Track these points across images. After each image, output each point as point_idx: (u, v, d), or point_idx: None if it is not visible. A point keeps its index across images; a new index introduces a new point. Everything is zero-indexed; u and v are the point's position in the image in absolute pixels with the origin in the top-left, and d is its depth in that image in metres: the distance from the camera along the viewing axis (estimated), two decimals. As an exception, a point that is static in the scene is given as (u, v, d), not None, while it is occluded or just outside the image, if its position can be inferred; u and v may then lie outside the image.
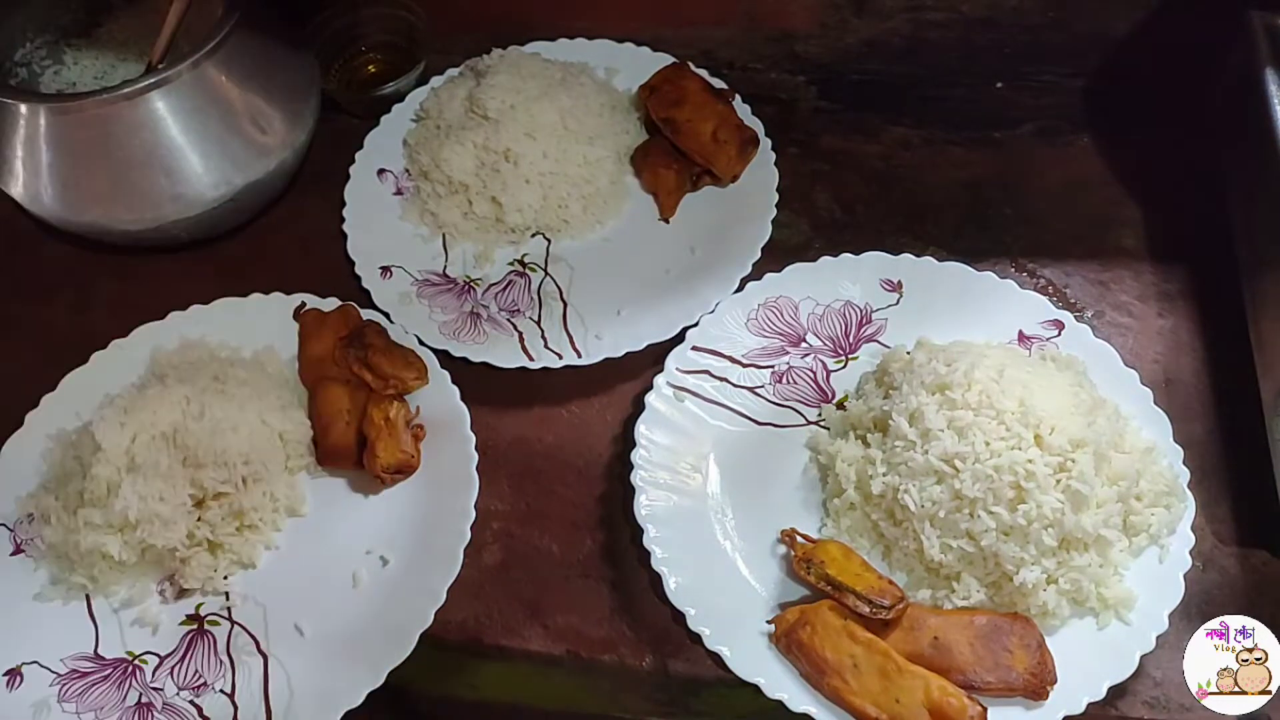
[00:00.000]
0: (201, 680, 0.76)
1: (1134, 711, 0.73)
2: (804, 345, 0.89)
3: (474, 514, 0.79)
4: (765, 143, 0.99)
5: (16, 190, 0.93)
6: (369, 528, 0.82)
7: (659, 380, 0.85)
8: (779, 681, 0.73)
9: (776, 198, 0.96)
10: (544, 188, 0.97)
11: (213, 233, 0.98)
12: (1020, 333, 0.87)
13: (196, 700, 0.76)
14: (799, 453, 0.84)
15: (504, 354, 0.89)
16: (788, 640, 0.73)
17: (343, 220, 0.97)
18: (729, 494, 0.82)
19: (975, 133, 1.04)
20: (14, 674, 0.76)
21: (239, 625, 0.78)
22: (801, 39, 1.08)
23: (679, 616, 0.76)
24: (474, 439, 0.83)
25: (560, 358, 0.88)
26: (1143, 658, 0.72)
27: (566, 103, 0.99)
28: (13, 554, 0.82)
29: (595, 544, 0.82)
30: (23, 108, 0.89)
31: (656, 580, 0.77)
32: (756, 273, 0.91)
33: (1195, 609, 0.75)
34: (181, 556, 0.79)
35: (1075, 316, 0.88)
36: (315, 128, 1.00)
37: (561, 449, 0.87)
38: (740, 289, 0.90)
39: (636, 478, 0.81)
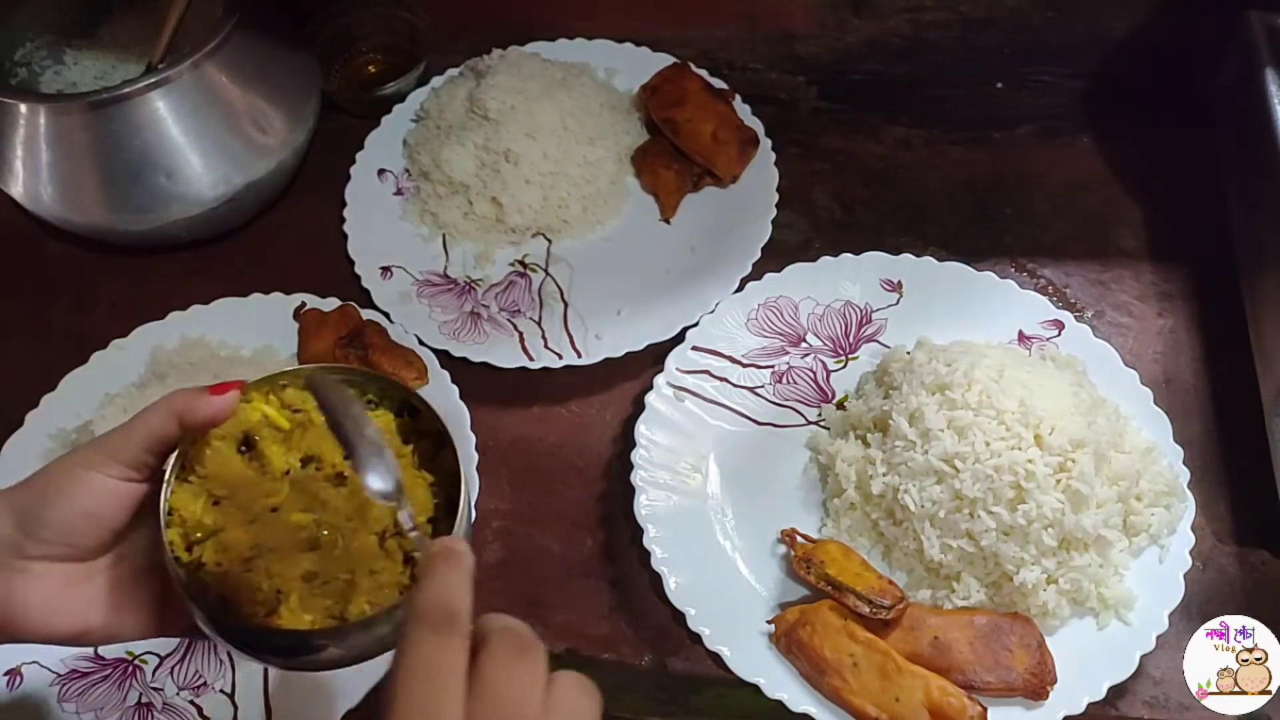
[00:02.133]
0: (202, 680, 0.76)
1: (1134, 711, 0.73)
2: (804, 345, 0.89)
3: (474, 514, 0.79)
4: (765, 143, 0.99)
5: (16, 190, 0.93)
6: (369, 527, 0.82)
7: (659, 380, 0.85)
8: (779, 681, 0.73)
9: (776, 198, 0.96)
10: (544, 188, 0.97)
11: (213, 233, 0.98)
12: (1020, 333, 0.87)
13: (196, 700, 0.75)
14: (799, 453, 0.84)
15: (504, 354, 0.89)
16: (788, 640, 0.73)
17: (343, 220, 0.97)
18: (729, 494, 0.82)
19: (975, 133, 1.04)
20: (14, 674, 0.76)
21: (239, 625, 0.78)
22: (801, 39, 1.08)
23: (679, 616, 0.76)
24: (474, 439, 0.83)
25: (560, 358, 0.88)
26: (1143, 658, 0.72)
27: (567, 103, 0.99)
28: (13, 554, 0.82)
29: (595, 543, 0.82)
30: (23, 108, 0.89)
31: (656, 580, 0.77)
32: (756, 273, 0.91)
33: (1195, 609, 0.75)
34: (182, 556, 0.79)
35: (1075, 316, 0.88)
36: (315, 128, 1.00)
37: (561, 449, 0.87)
38: (740, 289, 0.90)
39: (636, 478, 0.81)
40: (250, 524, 0.55)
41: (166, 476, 0.54)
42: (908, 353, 0.85)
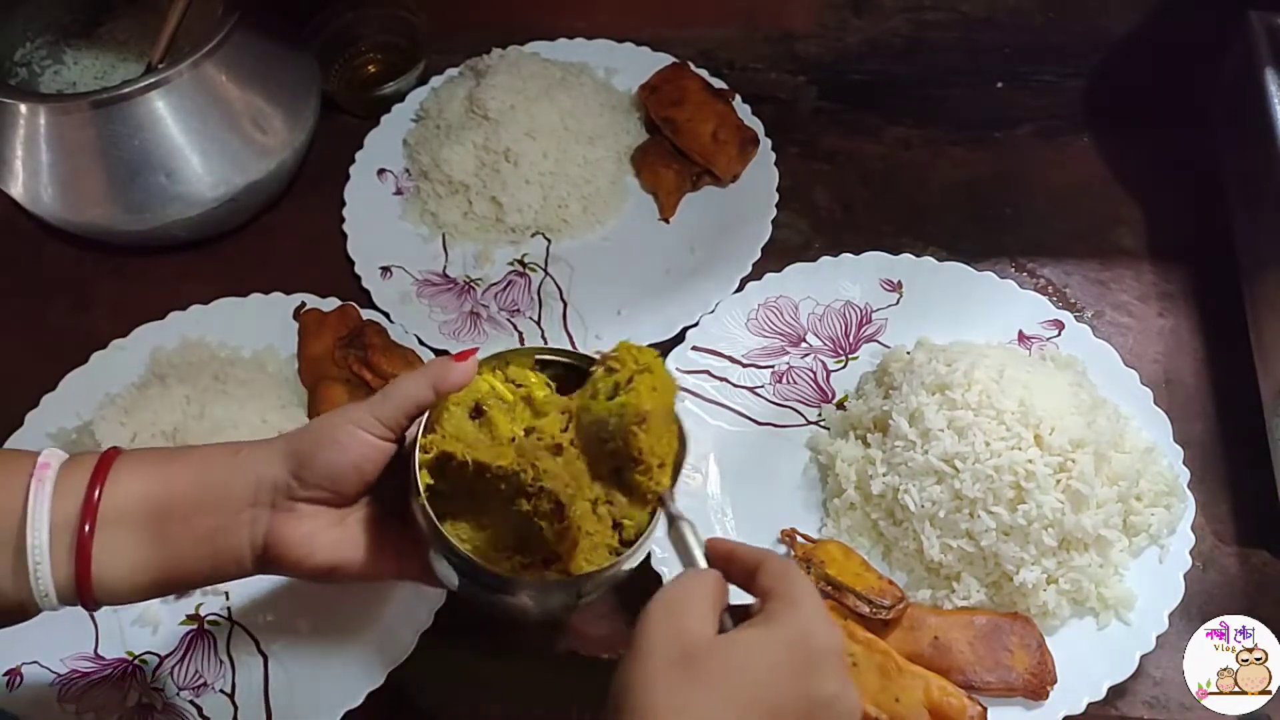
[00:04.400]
0: (202, 680, 0.76)
1: (1134, 711, 0.73)
2: (804, 345, 0.89)
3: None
4: (765, 143, 0.99)
5: (16, 190, 0.93)
6: (369, 527, 0.82)
7: (659, 380, 0.85)
8: (779, 681, 0.73)
9: (776, 198, 0.96)
10: (544, 188, 0.97)
11: (213, 233, 0.98)
12: (1020, 333, 0.87)
13: (197, 700, 0.75)
14: (799, 453, 0.84)
15: (504, 354, 0.89)
16: (788, 640, 0.73)
17: (343, 220, 0.97)
18: (729, 494, 0.82)
19: (975, 133, 1.04)
20: (14, 674, 0.76)
21: (239, 625, 0.78)
22: (801, 39, 1.08)
23: (679, 616, 0.75)
24: (474, 439, 0.83)
25: (560, 357, 0.88)
26: (1143, 658, 0.72)
27: (566, 103, 0.99)
28: (13, 554, 0.82)
29: (595, 544, 0.82)
30: (23, 108, 0.89)
31: (656, 580, 0.77)
32: (756, 273, 0.91)
33: (1195, 609, 0.75)
34: (181, 556, 0.79)
35: (1075, 316, 0.88)
36: (315, 128, 1.00)
37: (561, 449, 0.87)
38: (740, 289, 0.90)
39: (636, 478, 0.80)
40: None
41: (418, 431, 0.60)
42: (908, 353, 0.85)
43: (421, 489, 0.58)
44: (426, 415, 0.60)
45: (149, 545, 0.58)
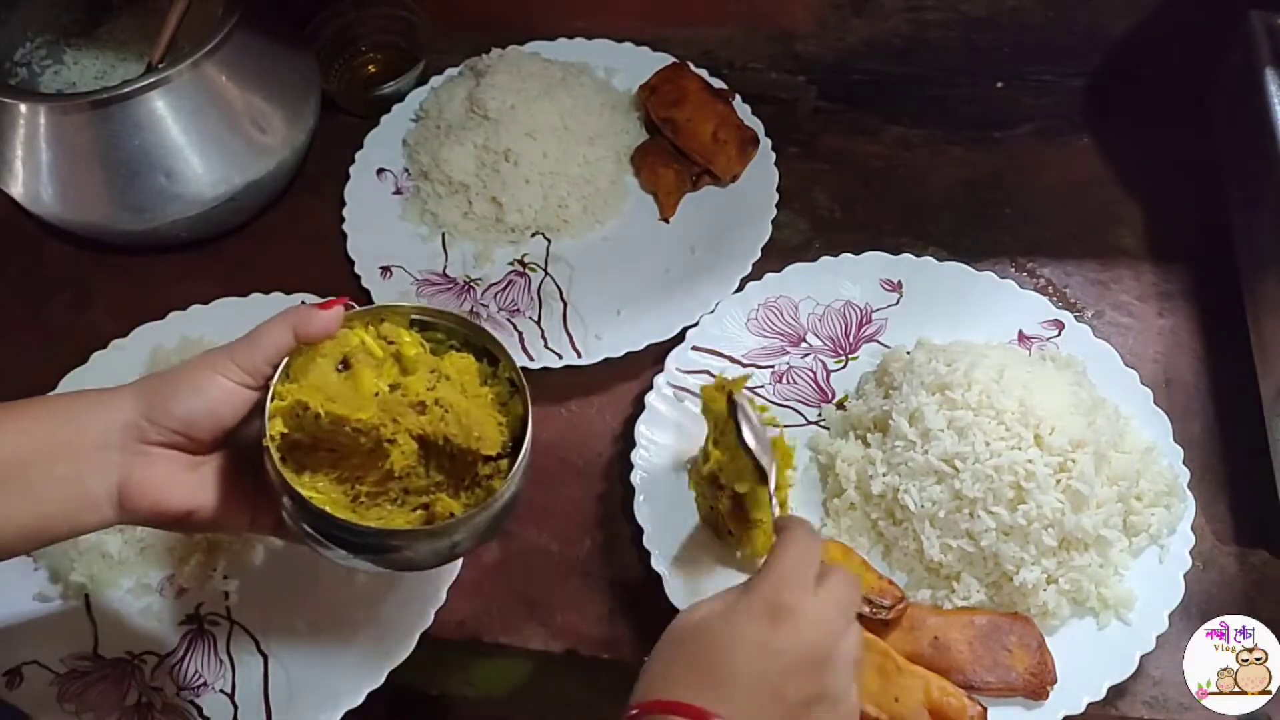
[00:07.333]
0: (201, 680, 0.76)
1: (1134, 711, 0.73)
2: (804, 345, 0.89)
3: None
4: (765, 143, 0.99)
5: (16, 190, 0.93)
6: (369, 527, 0.82)
7: (659, 380, 0.85)
8: (779, 681, 0.73)
9: (776, 198, 0.96)
10: (544, 188, 0.97)
11: (213, 233, 0.98)
12: (1020, 333, 0.87)
13: (197, 700, 0.76)
14: (799, 453, 0.84)
15: (504, 354, 0.89)
16: (787, 640, 0.73)
17: (343, 220, 0.97)
18: (729, 494, 0.82)
19: (975, 133, 1.04)
20: (14, 674, 0.76)
21: (239, 625, 0.78)
22: (801, 39, 1.08)
23: (679, 616, 0.75)
24: (474, 439, 0.83)
25: (560, 357, 0.88)
26: (1143, 658, 0.72)
27: (566, 103, 0.99)
28: (12, 554, 0.82)
29: (595, 543, 0.82)
30: (23, 108, 0.89)
31: (656, 580, 0.77)
32: (756, 273, 0.91)
33: (1195, 609, 0.75)
34: (180, 555, 0.79)
35: (1075, 316, 0.88)
36: (315, 128, 1.00)
37: (561, 449, 0.87)
38: (740, 289, 0.90)
39: (636, 478, 0.81)
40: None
41: (274, 379, 0.60)
42: (908, 353, 0.85)
43: (271, 436, 0.59)
44: (287, 362, 0.60)
45: (16, 496, 0.58)
